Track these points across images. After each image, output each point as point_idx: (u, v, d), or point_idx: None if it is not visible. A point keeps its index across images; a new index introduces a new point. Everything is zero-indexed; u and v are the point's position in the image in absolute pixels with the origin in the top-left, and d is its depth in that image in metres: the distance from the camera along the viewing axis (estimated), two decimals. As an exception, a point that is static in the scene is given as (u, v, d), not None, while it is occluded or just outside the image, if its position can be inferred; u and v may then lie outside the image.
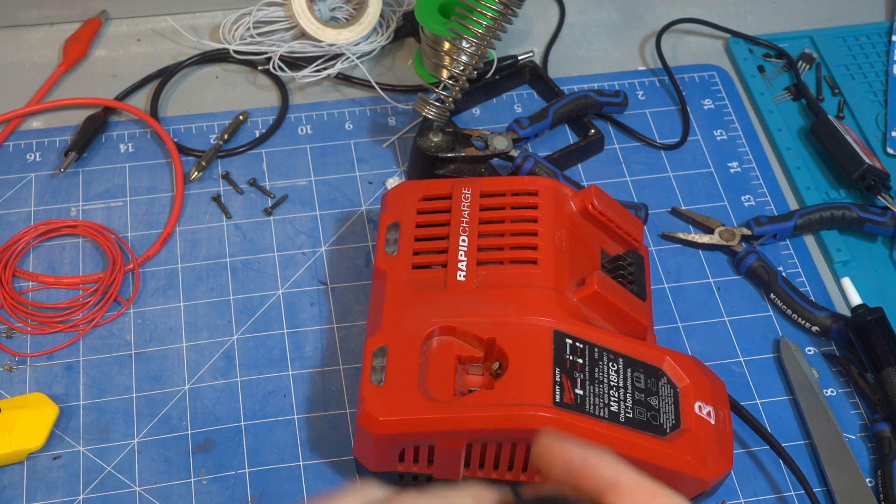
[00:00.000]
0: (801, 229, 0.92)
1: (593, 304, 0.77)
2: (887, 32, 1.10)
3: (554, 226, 0.79)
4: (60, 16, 1.06)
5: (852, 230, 0.93)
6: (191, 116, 1.00)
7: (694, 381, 0.74)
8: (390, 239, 0.81)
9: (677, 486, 0.69)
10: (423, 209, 0.82)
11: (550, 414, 0.68)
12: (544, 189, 0.81)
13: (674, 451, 0.70)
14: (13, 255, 0.88)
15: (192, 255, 0.90)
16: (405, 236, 0.80)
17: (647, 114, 1.02)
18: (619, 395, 0.72)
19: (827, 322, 0.86)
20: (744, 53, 1.08)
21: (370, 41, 1.04)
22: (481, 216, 0.80)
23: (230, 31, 1.04)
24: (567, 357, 0.72)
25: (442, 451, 0.72)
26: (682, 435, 0.71)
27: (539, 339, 0.72)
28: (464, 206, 0.81)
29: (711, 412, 0.73)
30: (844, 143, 0.96)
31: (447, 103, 0.91)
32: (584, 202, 0.82)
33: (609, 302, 0.77)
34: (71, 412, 0.81)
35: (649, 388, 0.73)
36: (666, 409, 0.72)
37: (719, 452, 0.72)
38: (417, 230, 0.81)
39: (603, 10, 1.12)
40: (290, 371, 0.84)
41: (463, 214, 0.80)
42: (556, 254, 0.78)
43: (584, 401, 0.70)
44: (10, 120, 0.98)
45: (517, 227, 0.79)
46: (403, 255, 0.79)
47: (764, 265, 0.89)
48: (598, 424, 0.69)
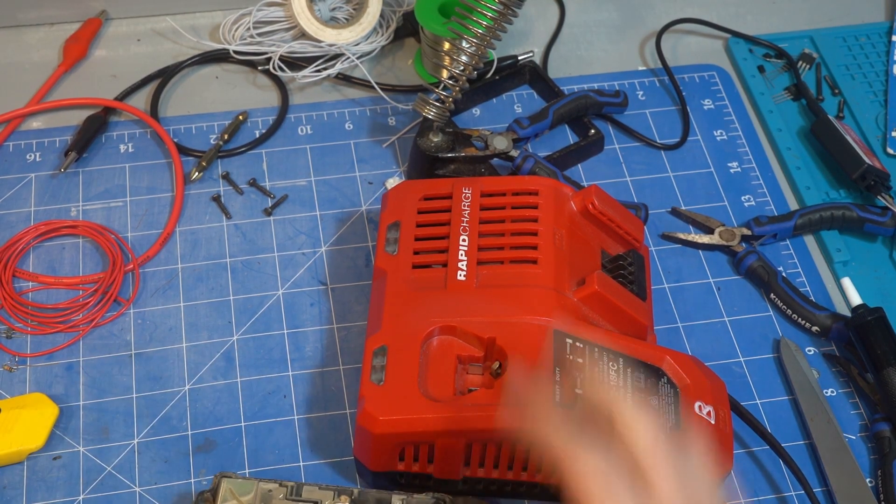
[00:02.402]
0: (801, 229, 0.92)
1: (593, 304, 0.77)
2: (887, 32, 1.10)
3: (554, 225, 0.79)
4: (60, 16, 1.06)
5: (852, 230, 0.93)
6: (191, 116, 1.00)
7: (694, 381, 0.74)
8: (391, 238, 0.81)
9: None
10: (424, 209, 0.82)
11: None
12: (545, 189, 0.81)
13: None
14: (13, 255, 0.88)
15: (192, 256, 0.90)
16: (405, 236, 0.80)
17: (647, 114, 1.02)
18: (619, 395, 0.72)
19: (827, 322, 0.86)
20: (744, 53, 1.08)
21: (370, 41, 1.04)
22: (482, 216, 0.80)
23: (230, 32, 1.04)
24: (567, 356, 0.72)
25: (442, 451, 0.72)
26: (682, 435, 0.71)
27: (539, 338, 0.72)
28: (464, 206, 0.81)
29: (711, 412, 0.73)
30: (844, 143, 0.96)
31: (447, 103, 0.91)
32: (584, 202, 0.82)
33: (609, 302, 0.77)
34: (71, 412, 0.81)
35: (649, 388, 0.73)
36: (666, 409, 0.72)
37: (720, 452, 0.72)
38: (418, 230, 0.81)
39: (603, 11, 1.12)
40: (290, 371, 0.84)
41: (463, 214, 0.80)
42: (557, 253, 0.78)
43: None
44: (10, 120, 0.98)
45: (517, 226, 0.79)
46: (404, 255, 0.79)
47: (764, 265, 0.89)
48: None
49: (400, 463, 0.73)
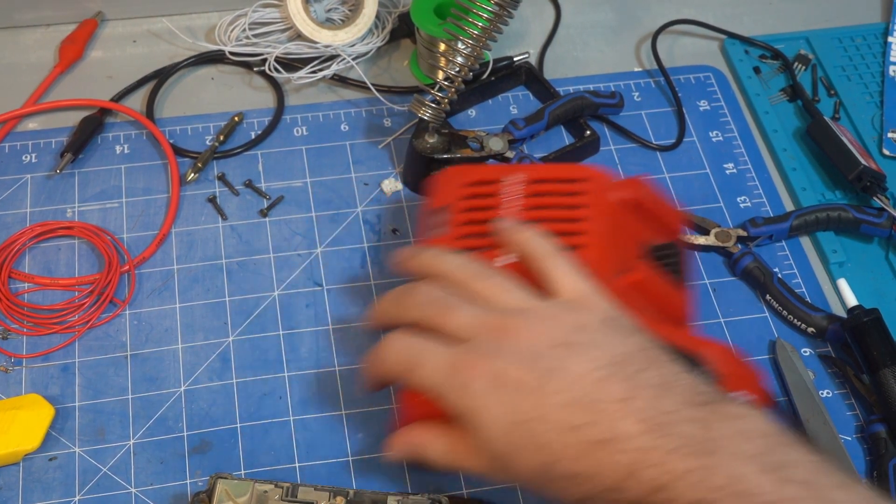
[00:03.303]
0: (797, 231, 0.92)
1: (637, 291, 0.78)
2: (883, 33, 1.10)
3: (599, 213, 0.80)
4: (56, 17, 1.06)
5: (848, 231, 0.94)
6: (187, 118, 1.00)
7: (733, 371, 0.75)
8: (438, 221, 0.82)
9: None
10: (472, 193, 0.83)
11: None
12: (591, 176, 0.83)
13: None
14: (9, 256, 0.88)
15: (187, 257, 0.90)
16: (453, 219, 0.81)
17: (642, 115, 1.02)
18: None
19: (823, 323, 0.86)
20: (740, 55, 1.08)
21: (366, 42, 1.04)
22: (528, 201, 0.81)
23: (226, 33, 1.04)
24: None
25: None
26: None
27: None
28: (511, 191, 0.82)
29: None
30: (840, 145, 0.96)
31: (443, 105, 0.91)
32: (629, 191, 0.83)
33: (652, 289, 0.78)
34: (67, 413, 0.81)
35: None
36: None
37: None
38: (465, 214, 0.82)
39: (599, 12, 1.12)
40: (285, 373, 0.84)
41: (511, 200, 0.82)
42: (601, 240, 0.79)
43: None
44: (6, 121, 0.97)
45: (563, 213, 0.80)
46: (451, 237, 0.80)
47: (760, 266, 0.89)
48: None
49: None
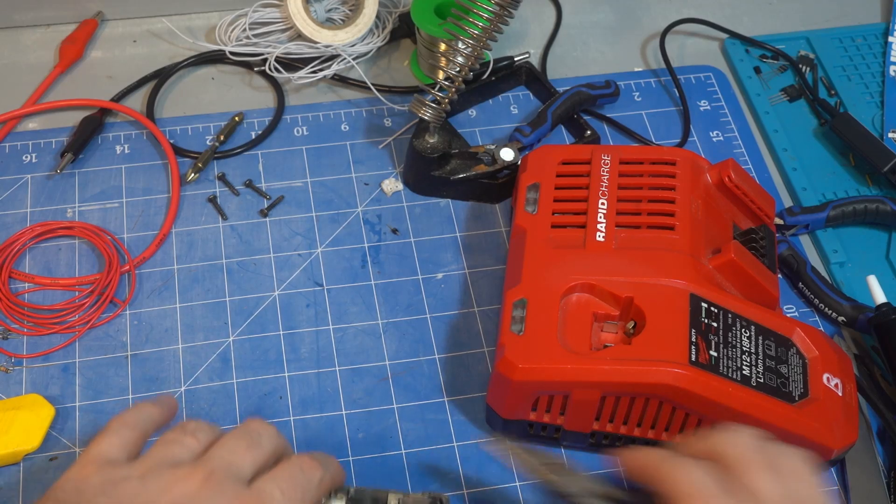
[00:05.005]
0: (833, 221, 0.92)
1: (728, 273, 0.79)
2: (883, 33, 1.10)
3: (691, 194, 0.81)
4: (56, 17, 1.06)
5: (886, 224, 0.94)
6: (187, 118, 1.00)
7: (823, 353, 0.77)
8: (530, 199, 0.84)
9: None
10: (564, 172, 0.85)
11: (686, 371, 0.71)
12: (682, 159, 0.84)
13: (802, 418, 0.72)
14: (9, 256, 0.88)
15: (188, 257, 0.90)
16: (545, 197, 0.83)
17: (643, 115, 1.02)
18: (750, 360, 0.74)
19: (853, 313, 0.86)
20: (740, 55, 1.08)
21: (366, 42, 1.04)
22: (620, 182, 0.83)
23: (226, 33, 1.04)
24: (702, 320, 0.74)
25: (576, 402, 0.73)
26: (810, 403, 0.74)
27: (676, 300, 0.75)
28: (603, 171, 0.83)
29: (839, 384, 0.76)
30: (871, 138, 0.96)
31: (443, 105, 0.91)
32: (720, 174, 0.84)
33: (744, 271, 0.79)
34: (67, 413, 0.81)
35: (779, 356, 0.75)
36: (795, 378, 0.75)
37: (845, 423, 0.74)
38: (557, 192, 0.83)
39: (599, 12, 1.13)
40: (286, 372, 0.84)
41: (602, 178, 0.83)
42: (693, 221, 0.80)
43: (717, 362, 0.72)
44: (7, 121, 0.97)
45: (655, 193, 0.82)
46: (543, 214, 0.82)
47: (794, 255, 0.89)
48: (732, 386, 0.71)
49: (532, 413, 0.76)
